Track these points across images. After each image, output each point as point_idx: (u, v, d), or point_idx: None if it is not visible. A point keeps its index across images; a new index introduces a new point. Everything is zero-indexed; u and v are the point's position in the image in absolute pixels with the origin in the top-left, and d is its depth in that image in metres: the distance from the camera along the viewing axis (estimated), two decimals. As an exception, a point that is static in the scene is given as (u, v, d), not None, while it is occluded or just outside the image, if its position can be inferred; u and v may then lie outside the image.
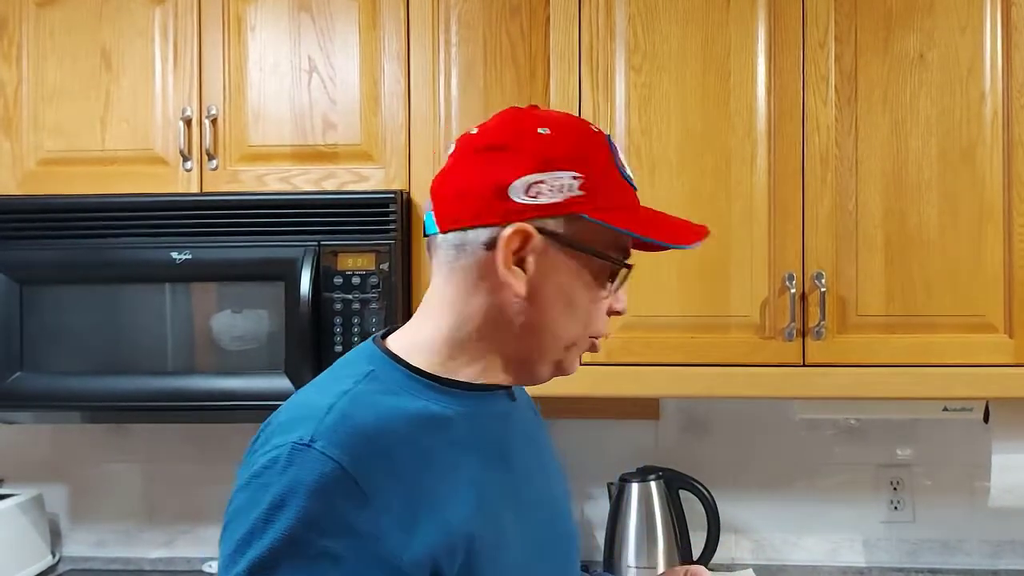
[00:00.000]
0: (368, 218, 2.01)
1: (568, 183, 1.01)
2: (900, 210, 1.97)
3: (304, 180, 2.10)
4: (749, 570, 2.28)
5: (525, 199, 1.00)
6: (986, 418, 2.14)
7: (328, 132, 2.10)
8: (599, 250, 1.04)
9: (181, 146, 2.10)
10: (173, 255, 2.03)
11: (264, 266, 2.02)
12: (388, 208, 2.01)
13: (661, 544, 2.18)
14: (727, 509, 2.22)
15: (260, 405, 2.03)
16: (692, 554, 2.20)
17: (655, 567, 2.17)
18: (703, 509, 2.17)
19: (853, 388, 1.97)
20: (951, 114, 1.97)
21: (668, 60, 2.02)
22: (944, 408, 2.14)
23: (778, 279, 1.98)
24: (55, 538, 2.46)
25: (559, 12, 2.04)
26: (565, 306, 1.05)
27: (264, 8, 2.12)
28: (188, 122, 2.10)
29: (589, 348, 1.10)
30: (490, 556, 0.99)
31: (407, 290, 2.05)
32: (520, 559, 1.05)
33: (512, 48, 2.06)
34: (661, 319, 1.99)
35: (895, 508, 2.33)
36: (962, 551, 2.31)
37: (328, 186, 2.09)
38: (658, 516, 2.18)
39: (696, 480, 2.19)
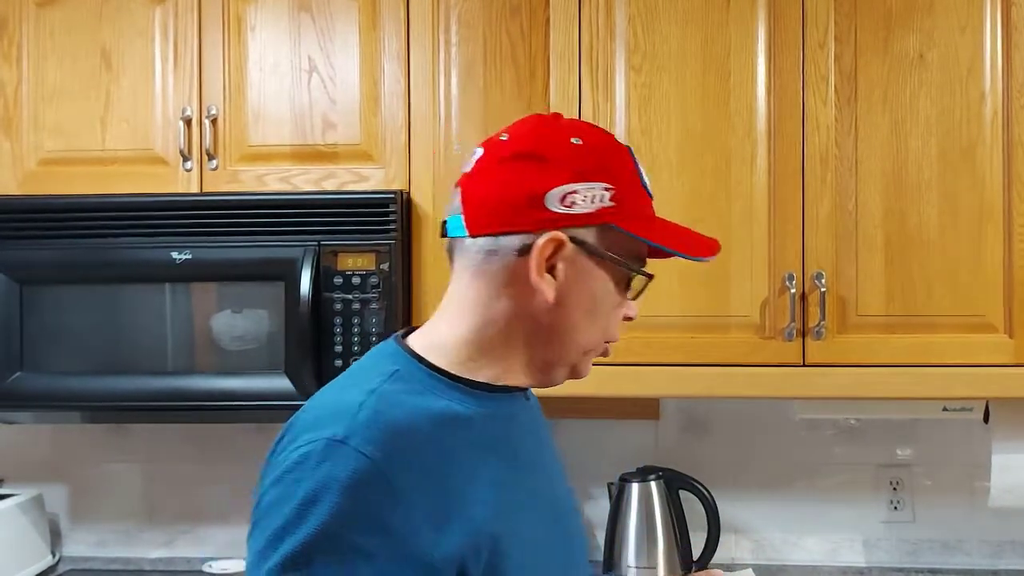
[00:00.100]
0: (368, 218, 2.01)
1: (600, 194, 1.04)
2: (900, 210, 1.97)
3: (304, 180, 2.10)
4: (749, 570, 2.28)
5: (560, 208, 1.03)
6: (986, 418, 2.14)
7: (328, 132, 2.10)
8: (623, 259, 1.07)
9: (181, 146, 2.10)
10: (173, 255, 2.03)
11: (264, 266, 2.02)
12: (388, 208, 2.01)
13: (661, 544, 2.18)
14: (727, 509, 2.22)
15: (260, 405, 2.03)
16: (692, 554, 2.20)
17: (655, 567, 2.17)
18: (703, 509, 2.17)
19: (853, 388, 1.97)
20: (951, 114, 1.97)
21: (668, 60, 2.02)
22: (944, 408, 2.14)
23: (778, 279, 1.98)
24: (55, 538, 2.46)
25: (559, 12, 2.04)
26: (588, 312, 1.08)
27: (264, 8, 2.12)
28: (188, 122, 2.10)
29: (601, 352, 1.13)
30: (512, 556, 1.01)
31: (407, 290, 2.05)
32: (538, 559, 1.07)
33: (512, 48, 2.06)
34: (661, 319, 1.99)
35: (895, 508, 2.33)
36: (962, 551, 2.31)
37: (328, 186, 2.09)
38: (658, 516, 2.18)
39: (696, 480, 2.19)
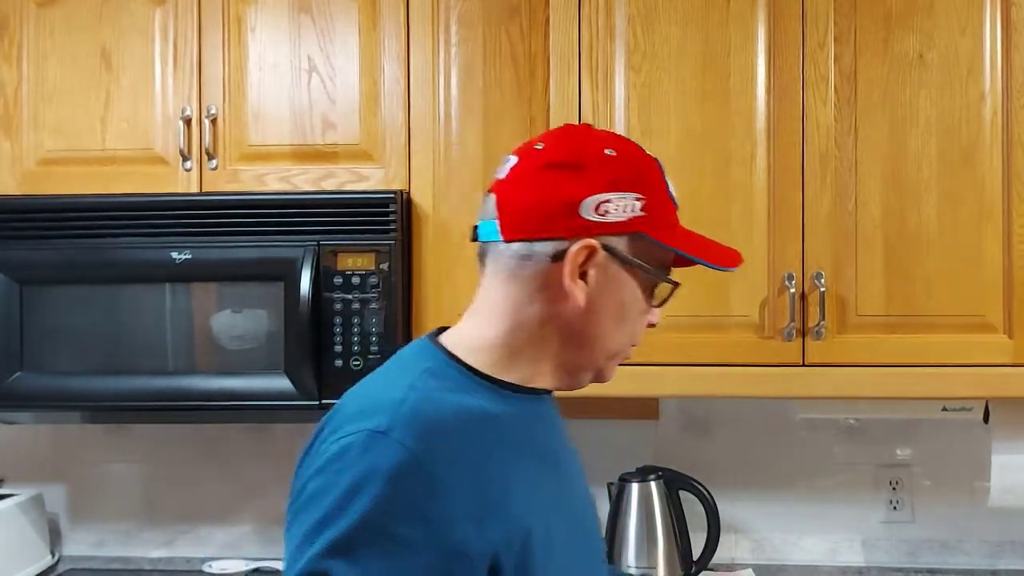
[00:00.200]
0: (368, 218, 2.01)
1: (632, 204, 1.08)
2: (900, 210, 1.97)
3: (304, 180, 2.10)
4: (749, 570, 2.28)
5: (594, 216, 1.06)
6: (986, 418, 2.14)
7: (328, 132, 2.10)
8: (652, 267, 1.11)
9: (181, 146, 2.10)
10: (173, 255, 2.03)
11: (264, 266, 2.02)
12: (388, 208, 2.01)
13: (661, 544, 2.18)
14: (727, 509, 2.22)
15: (260, 405, 2.03)
16: (692, 554, 2.20)
17: (655, 567, 2.17)
18: (703, 509, 2.17)
19: (853, 388, 1.97)
20: (951, 114, 1.97)
21: (668, 60, 2.02)
22: (944, 408, 2.14)
23: (778, 279, 1.98)
24: (55, 538, 2.46)
25: (559, 12, 2.04)
26: (617, 317, 1.12)
27: (264, 8, 2.12)
28: (188, 122, 2.10)
29: (624, 357, 1.17)
30: (539, 552, 1.04)
31: (407, 290, 2.05)
32: (564, 558, 1.10)
33: (512, 48, 2.06)
34: (661, 319, 1.98)
35: (894, 508, 2.33)
36: (962, 551, 2.31)
37: (328, 186, 2.09)
38: (658, 516, 2.18)
39: (696, 480, 2.19)
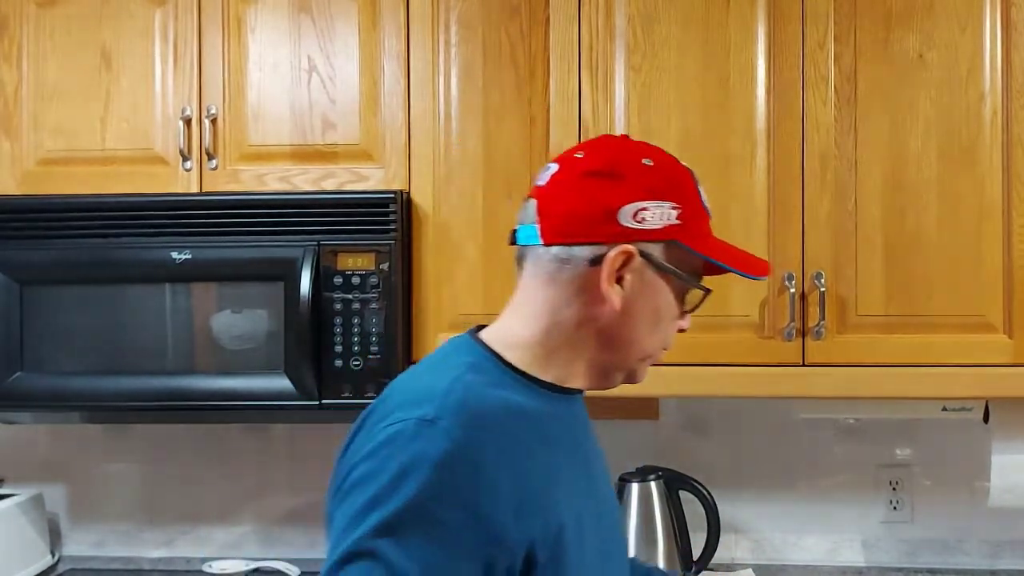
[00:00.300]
0: (368, 218, 2.01)
1: (668, 212, 1.12)
2: (900, 210, 1.97)
3: (304, 180, 2.10)
4: (749, 570, 2.28)
5: (631, 223, 1.11)
6: (986, 418, 2.14)
7: (328, 132, 2.10)
8: (685, 274, 1.15)
9: (181, 146, 2.10)
10: (173, 255, 2.03)
11: (264, 266, 2.02)
12: (388, 208, 2.01)
13: (661, 544, 2.17)
14: (727, 509, 2.22)
15: (260, 405, 2.03)
16: (692, 554, 2.20)
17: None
18: (703, 509, 2.17)
19: (853, 388, 1.97)
20: (951, 114, 1.97)
21: (668, 60, 2.02)
22: (944, 408, 2.14)
23: (778, 279, 1.98)
24: (55, 538, 2.46)
25: (559, 12, 2.04)
26: (651, 321, 1.16)
27: (264, 9, 2.12)
28: (188, 122, 2.10)
29: (653, 360, 1.22)
30: (573, 548, 1.08)
31: (407, 290, 2.05)
32: (593, 555, 1.14)
33: (512, 48, 2.06)
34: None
35: (894, 508, 2.33)
36: (961, 551, 2.31)
37: (328, 186, 2.09)
38: (658, 516, 2.18)
39: (696, 480, 2.19)
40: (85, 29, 2.13)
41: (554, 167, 1.17)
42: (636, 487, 2.19)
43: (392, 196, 2.01)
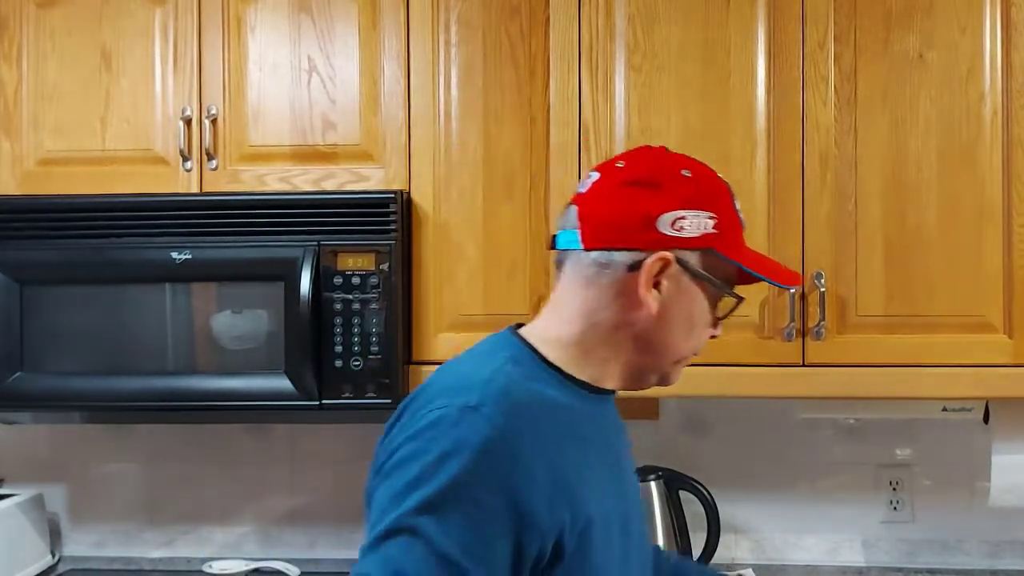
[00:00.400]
0: (368, 218, 2.01)
1: (705, 221, 1.17)
2: (900, 210, 1.97)
3: (304, 180, 2.10)
4: (749, 570, 2.28)
5: (670, 231, 1.16)
6: (986, 418, 2.14)
7: (328, 132, 2.10)
8: (719, 281, 1.20)
9: (181, 146, 2.10)
10: (173, 255, 2.03)
11: (264, 266, 2.02)
12: (388, 208, 2.01)
13: (661, 544, 2.17)
14: (727, 509, 2.22)
15: (260, 405, 2.03)
16: (692, 554, 2.20)
17: (655, 567, 2.17)
18: (703, 509, 2.17)
19: (853, 388, 1.97)
20: (951, 114, 1.97)
21: (668, 60, 2.02)
22: (944, 408, 2.14)
23: (778, 279, 1.98)
24: (55, 538, 2.46)
25: (559, 12, 2.04)
26: (685, 326, 1.21)
27: (264, 8, 2.11)
28: (188, 122, 2.10)
29: (685, 364, 1.26)
30: (598, 545, 1.12)
31: (407, 290, 2.05)
32: (618, 555, 1.18)
33: (512, 48, 2.06)
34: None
35: (894, 508, 2.33)
36: (961, 551, 2.31)
37: (328, 186, 2.09)
38: (658, 516, 2.18)
39: (696, 480, 2.19)
40: (85, 29, 2.13)
41: (595, 175, 1.22)
42: (636, 487, 2.19)
43: (392, 196, 2.01)
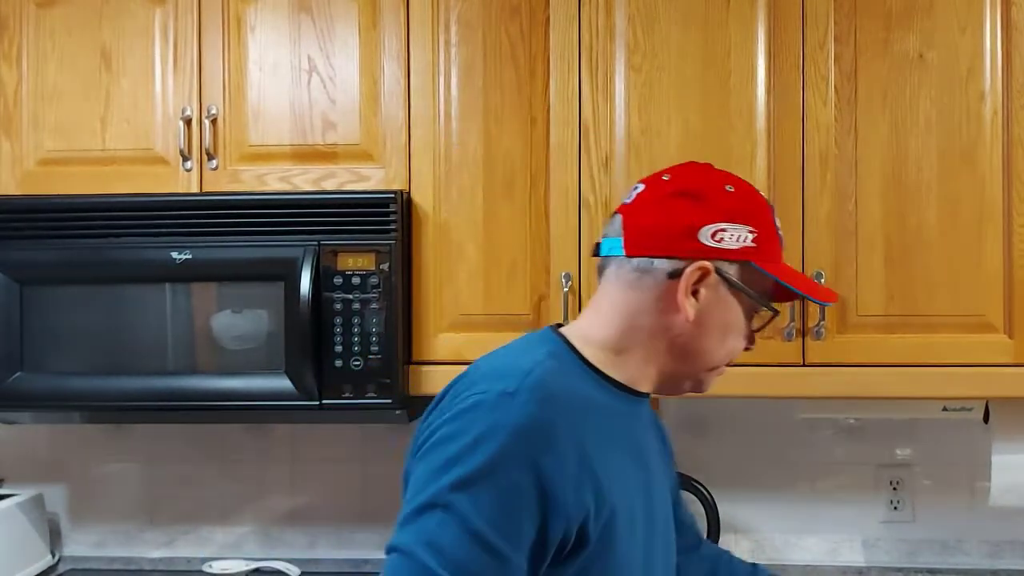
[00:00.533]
0: (368, 218, 2.01)
1: (745, 235, 1.22)
2: (900, 210, 1.97)
3: (304, 180, 2.10)
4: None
5: (710, 242, 1.21)
6: (986, 418, 2.14)
7: (328, 132, 2.10)
8: (756, 293, 1.24)
9: (181, 146, 2.10)
10: (173, 255, 2.03)
11: (264, 266, 2.02)
12: (388, 208, 2.01)
13: (661, 544, 2.17)
14: (727, 509, 2.22)
15: (260, 405, 2.03)
16: (692, 554, 2.20)
17: (655, 567, 2.17)
18: (703, 509, 2.17)
19: (853, 388, 1.97)
20: (951, 114, 1.97)
21: (668, 60, 2.02)
22: (944, 408, 2.14)
23: (778, 279, 1.98)
24: (55, 538, 2.46)
25: (559, 12, 2.04)
26: (721, 335, 1.25)
27: (264, 8, 2.11)
28: (188, 122, 2.10)
29: (719, 372, 1.31)
30: (622, 537, 1.17)
31: (407, 290, 2.05)
32: (640, 551, 1.22)
33: (512, 48, 2.06)
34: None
35: (895, 508, 2.33)
36: (962, 551, 2.31)
37: (328, 186, 2.09)
38: (658, 516, 2.18)
39: (696, 480, 2.19)
40: (85, 29, 2.13)
41: (641, 187, 1.28)
42: (636, 487, 2.19)
43: (392, 196, 2.01)
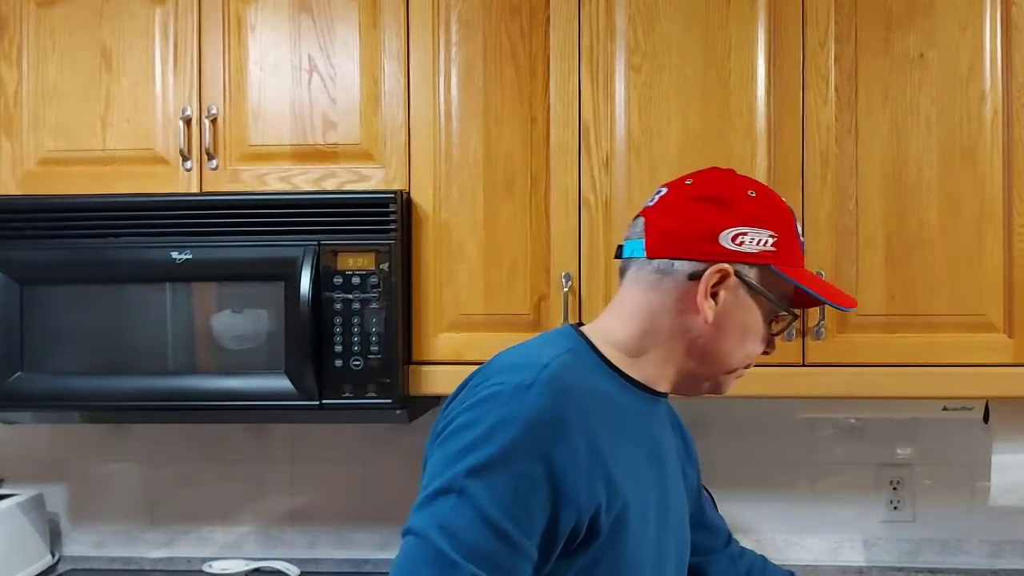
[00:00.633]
0: (368, 218, 2.00)
1: (766, 239, 1.24)
2: (900, 210, 1.97)
3: (304, 180, 2.10)
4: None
5: (731, 246, 1.23)
6: (986, 418, 2.14)
7: (328, 132, 2.10)
8: (775, 296, 1.26)
9: (181, 146, 2.10)
10: (173, 255, 2.02)
11: (264, 266, 2.02)
12: (388, 208, 2.01)
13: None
14: (727, 509, 2.21)
15: (260, 405, 2.03)
16: (692, 554, 2.20)
17: (655, 567, 2.17)
18: (703, 509, 2.16)
19: (853, 388, 1.97)
20: (951, 114, 1.97)
21: (668, 60, 2.02)
22: (944, 408, 2.14)
23: (778, 279, 1.97)
24: (55, 538, 2.46)
25: (559, 12, 2.04)
26: (739, 337, 1.27)
27: (264, 8, 2.11)
28: (188, 122, 2.10)
29: (738, 375, 1.32)
30: (633, 531, 1.19)
31: (407, 290, 2.05)
32: (652, 547, 1.24)
33: (512, 48, 2.06)
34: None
35: (895, 508, 2.33)
36: (962, 551, 2.31)
37: (328, 186, 2.09)
38: (658, 516, 2.18)
39: (696, 480, 2.19)
40: (85, 29, 2.13)
41: (663, 190, 1.29)
42: (636, 487, 2.19)
43: (392, 196, 2.01)
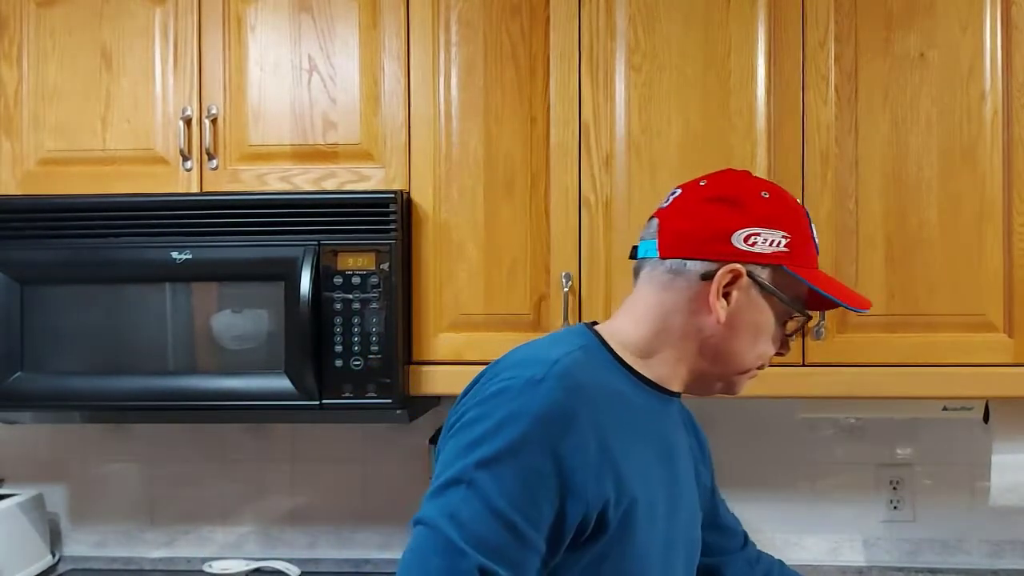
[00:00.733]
0: (368, 218, 2.00)
1: (778, 240, 1.24)
2: (900, 210, 1.97)
3: (304, 179, 2.10)
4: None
5: (743, 246, 1.23)
6: (986, 418, 2.14)
7: (328, 131, 2.10)
8: (787, 297, 1.26)
9: (181, 146, 2.10)
10: (173, 255, 2.02)
11: (264, 266, 2.02)
12: (388, 208, 2.01)
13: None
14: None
15: (260, 405, 2.03)
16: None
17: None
18: (703, 509, 2.16)
19: (853, 388, 1.97)
20: (951, 113, 1.97)
21: (668, 60, 2.02)
22: (944, 408, 2.14)
23: (778, 279, 1.97)
24: (55, 538, 2.46)
25: (559, 12, 2.04)
26: (751, 338, 1.27)
27: (264, 8, 2.11)
28: (188, 122, 2.10)
29: (751, 376, 1.32)
30: (642, 527, 1.20)
31: (407, 290, 2.05)
32: (660, 544, 1.25)
33: (512, 48, 2.06)
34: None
35: (895, 508, 2.33)
36: (962, 551, 2.31)
37: (328, 185, 2.09)
38: (658, 516, 2.18)
39: (696, 480, 2.19)
40: (85, 29, 2.13)
41: (678, 191, 1.30)
42: (636, 487, 2.19)
43: (392, 196, 2.01)
